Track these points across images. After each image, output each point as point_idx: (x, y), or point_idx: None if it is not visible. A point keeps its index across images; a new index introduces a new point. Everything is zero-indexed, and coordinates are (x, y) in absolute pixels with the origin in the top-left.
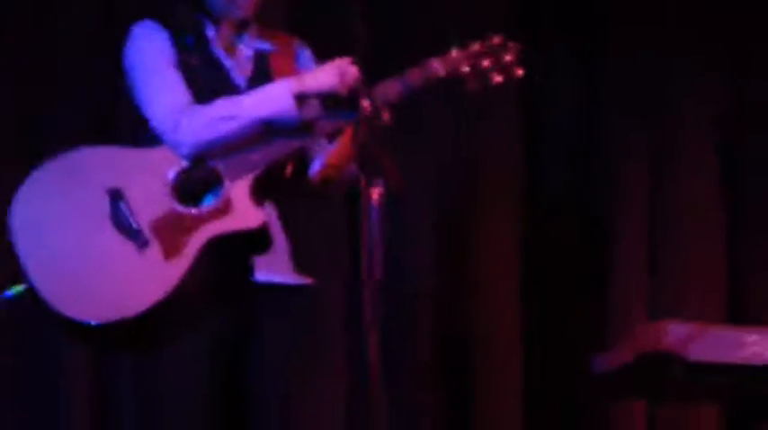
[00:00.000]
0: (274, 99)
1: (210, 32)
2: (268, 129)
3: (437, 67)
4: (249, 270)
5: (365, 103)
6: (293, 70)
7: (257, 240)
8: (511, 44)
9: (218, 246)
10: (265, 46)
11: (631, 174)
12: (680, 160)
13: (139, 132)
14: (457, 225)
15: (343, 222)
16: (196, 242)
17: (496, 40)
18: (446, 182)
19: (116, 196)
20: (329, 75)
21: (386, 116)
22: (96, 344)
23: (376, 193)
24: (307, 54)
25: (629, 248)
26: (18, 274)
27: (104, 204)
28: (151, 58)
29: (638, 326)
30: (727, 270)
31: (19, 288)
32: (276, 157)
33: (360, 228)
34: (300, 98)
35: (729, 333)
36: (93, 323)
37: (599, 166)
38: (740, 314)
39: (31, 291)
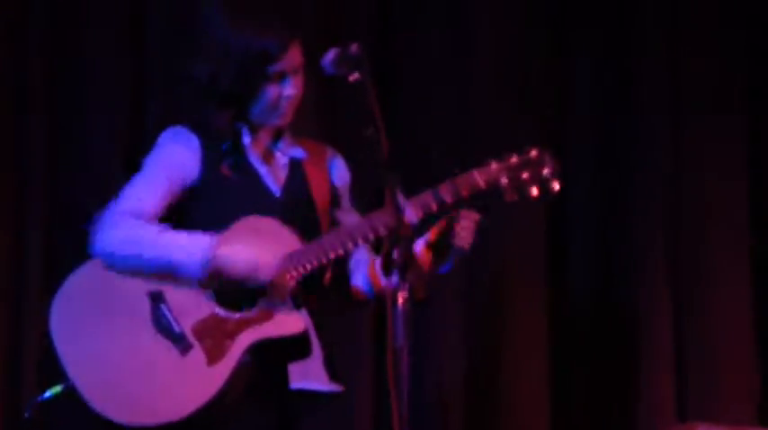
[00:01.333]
0: (189, 253)
1: (247, 139)
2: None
3: (478, 178)
4: (285, 377)
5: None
6: (326, 178)
7: (298, 346)
8: (547, 157)
9: (259, 351)
10: (299, 153)
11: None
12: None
13: None
14: (484, 332)
15: (369, 328)
16: (238, 347)
17: (534, 153)
18: (472, 286)
19: (157, 299)
20: (244, 268)
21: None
22: None
23: (401, 298)
24: (339, 163)
25: (658, 348)
26: (55, 376)
27: (145, 307)
28: (155, 160)
29: (668, 428)
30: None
31: (57, 389)
32: (315, 265)
33: (386, 332)
34: (211, 271)
35: None
36: (136, 427)
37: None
38: None
39: (70, 393)
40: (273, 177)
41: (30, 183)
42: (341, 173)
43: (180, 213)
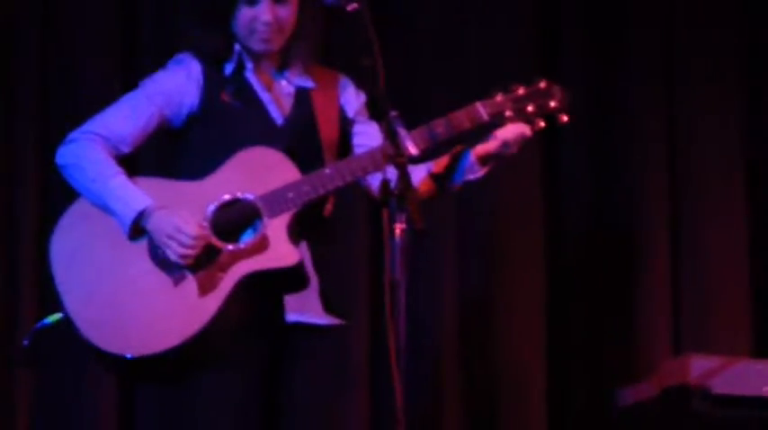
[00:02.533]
0: (126, 205)
1: (249, 66)
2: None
3: (481, 110)
4: (281, 309)
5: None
6: (335, 107)
7: (293, 279)
8: (556, 89)
9: (253, 283)
10: (307, 83)
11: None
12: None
13: (178, 160)
14: (479, 262)
15: (365, 260)
16: (231, 278)
17: (542, 84)
18: (468, 214)
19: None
20: (163, 235)
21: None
22: (128, 376)
23: (399, 229)
24: (350, 89)
25: (654, 281)
26: (56, 303)
27: (143, 238)
28: (147, 85)
29: (663, 361)
30: (753, 302)
31: (56, 316)
32: (312, 197)
33: (383, 264)
34: (138, 225)
35: (754, 366)
36: (127, 356)
37: (623, 187)
38: (765, 347)
39: (68, 321)
40: (277, 106)
41: (20, 116)
42: (352, 98)
43: (181, 139)
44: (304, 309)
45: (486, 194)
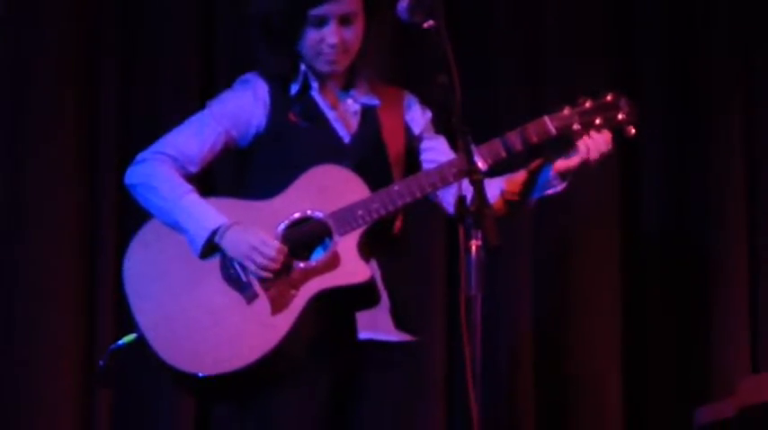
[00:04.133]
0: (198, 223)
1: (315, 85)
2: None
3: (549, 124)
4: (353, 326)
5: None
6: (401, 124)
7: (364, 295)
8: (623, 102)
9: (324, 300)
10: (373, 101)
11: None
12: None
13: (246, 179)
14: (555, 277)
15: (442, 275)
16: (304, 296)
17: (609, 97)
18: (543, 232)
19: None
20: (244, 249)
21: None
22: (202, 394)
23: (474, 246)
24: (416, 106)
25: (733, 295)
26: (130, 324)
27: (215, 256)
28: (214, 106)
29: (742, 379)
30: None
31: (130, 337)
32: (382, 214)
33: (459, 280)
34: (211, 243)
35: None
36: (199, 375)
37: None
38: None
39: (142, 341)
40: (344, 124)
41: (102, 140)
42: (418, 115)
43: (249, 159)
44: (375, 326)
45: (561, 198)
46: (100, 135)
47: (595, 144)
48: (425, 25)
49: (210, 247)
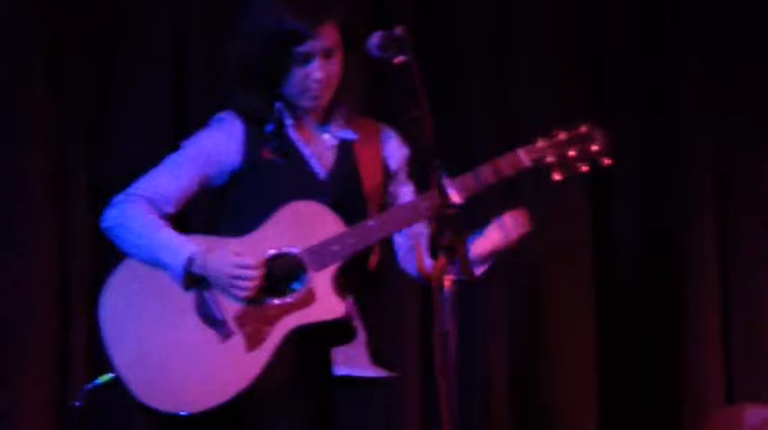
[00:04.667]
0: (176, 253)
1: (289, 122)
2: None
3: (523, 157)
4: (329, 362)
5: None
6: (378, 158)
7: (340, 332)
8: (598, 133)
9: (300, 336)
10: (349, 135)
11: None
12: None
13: (220, 218)
14: (529, 312)
15: (416, 310)
16: (279, 332)
17: (583, 128)
18: (517, 268)
19: (202, 286)
20: (223, 273)
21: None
22: None
23: (448, 280)
24: (393, 141)
25: (705, 323)
26: (107, 363)
27: (190, 294)
28: (190, 146)
29: (716, 410)
30: None
31: (107, 376)
32: (357, 249)
33: (433, 315)
34: (190, 273)
35: None
36: (177, 413)
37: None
38: None
39: (118, 381)
40: (318, 159)
41: (72, 178)
42: (395, 150)
43: (224, 198)
44: (352, 361)
45: (536, 241)
46: (68, 170)
47: (513, 223)
48: (396, 61)
49: (191, 278)
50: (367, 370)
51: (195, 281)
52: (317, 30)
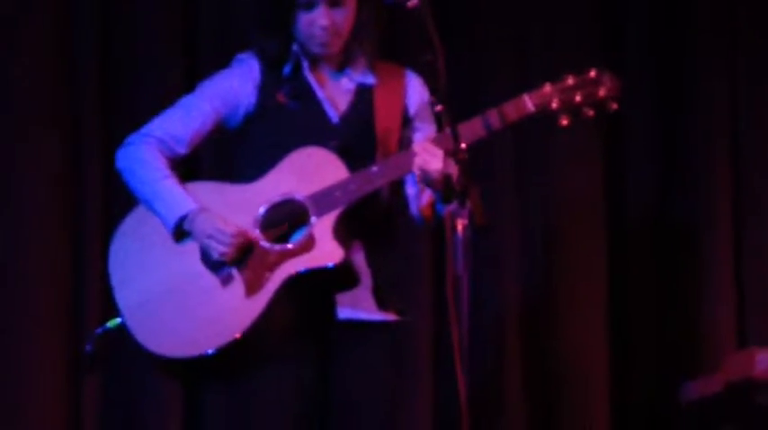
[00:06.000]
0: (170, 209)
1: (306, 65)
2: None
3: (527, 101)
4: (333, 307)
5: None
6: (398, 103)
7: (340, 277)
8: (607, 77)
9: (301, 282)
10: (369, 79)
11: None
12: None
13: (236, 160)
14: (542, 255)
15: (427, 253)
16: (277, 279)
17: (592, 73)
18: (529, 207)
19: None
20: (204, 236)
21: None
22: (181, 377)
23: (461, 225)
24: (416, 84)
25: (718, 273)
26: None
27: (193, 240)
28: (205, 87)
29: (728, 355)
30: None
31: (116, 321)
32: (359, 195)
33: (445, 259)
34: (180, 229)
35: None
36: (174, 357)
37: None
38: None
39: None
40: (332, 103)
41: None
42: (416, 94)
43: (239, 140)
44: (356, 305)
45: (548, 186)
46: (81, 117)
47: (424, 160)
48: (409, 4)
49: (181, 232)
50: (373, 313)
51: (186, 235)
52: None
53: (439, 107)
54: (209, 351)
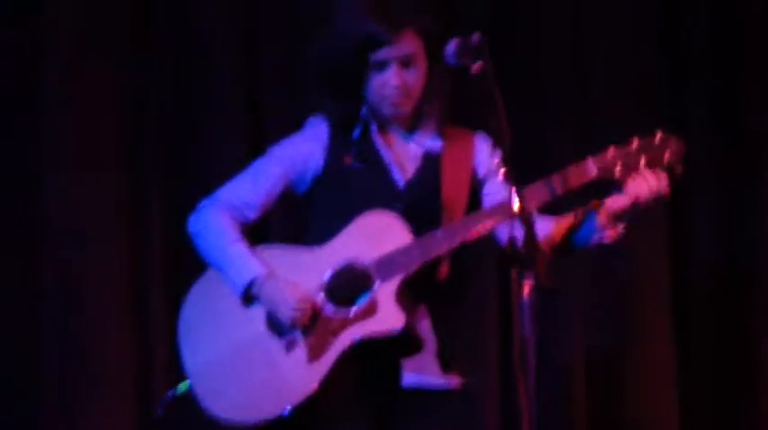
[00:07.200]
0: (239, 273)
1: (374, 128)
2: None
3: (591, 166)
4: (398, 372)
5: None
6: (466, 168)
7: (403, 343)
8: (672, 141)
9: (364, 347)
10: (436, 145)
11: None
12: None
13: (310, 226)
14: (607, 320)
15: (494, 318)
16: (339, 345)
17: (658, 136)
18: (597, 271)
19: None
20: (286, 305)
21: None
22: None
23: (527, 287)
24: (485, 147)
25: None
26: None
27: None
28: (275, 151)
29: None
30: None
31: (185, 384)
32: (423, 260)
33: (512, 322)
34: (249, 294)
35: None
36: (235, 422)
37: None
38: None
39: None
40: (400, 168)
41: (147, 186)
42: (485, 156)
43: (309, 204)
44: (421, 370)
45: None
46: (144, 180)
47: (646, 183)
48: (474, 68)
49: (249, 297)
50: (438, 378)
51: (254, 299)
52: (393, 36)
53: (503, 170)
54: (273, 417)
